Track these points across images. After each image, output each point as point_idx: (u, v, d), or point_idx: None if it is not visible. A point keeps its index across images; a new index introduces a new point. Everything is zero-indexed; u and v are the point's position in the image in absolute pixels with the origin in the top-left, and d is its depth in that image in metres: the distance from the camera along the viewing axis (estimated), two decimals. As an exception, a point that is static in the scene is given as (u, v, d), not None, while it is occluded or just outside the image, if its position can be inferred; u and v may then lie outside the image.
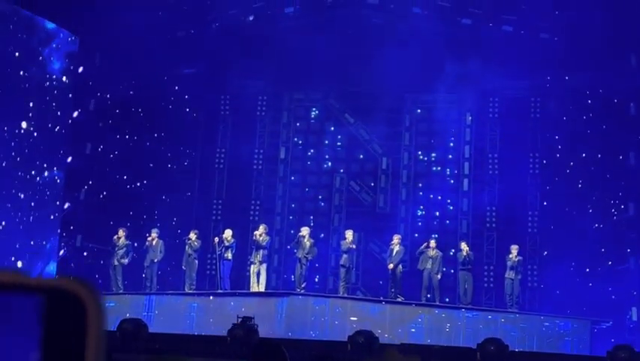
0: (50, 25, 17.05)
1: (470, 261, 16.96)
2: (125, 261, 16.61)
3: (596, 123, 18.18)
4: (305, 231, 16.89)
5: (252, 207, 20.17)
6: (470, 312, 16.52)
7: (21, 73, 16.35)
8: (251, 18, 19.04)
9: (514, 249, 16.73)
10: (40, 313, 0.65)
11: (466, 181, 19.49)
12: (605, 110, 17.95)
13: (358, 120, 20.22)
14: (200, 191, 20.33)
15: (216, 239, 17.09)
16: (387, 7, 18.51)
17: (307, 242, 16.68)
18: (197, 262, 16.95)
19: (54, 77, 17.19)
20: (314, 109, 20.73)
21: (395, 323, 15.92)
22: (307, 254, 16.65)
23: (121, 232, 16.59)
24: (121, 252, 16.49)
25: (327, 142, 20.57)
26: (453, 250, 18.40)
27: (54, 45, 17.17)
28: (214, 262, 17.93)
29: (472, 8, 18.17)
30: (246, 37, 18.79)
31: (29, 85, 16.55)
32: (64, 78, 17.40)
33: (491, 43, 18.19)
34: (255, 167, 20.37)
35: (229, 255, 16.77)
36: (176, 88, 19.86)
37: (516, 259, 16.65)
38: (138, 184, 19.03)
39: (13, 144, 16.19)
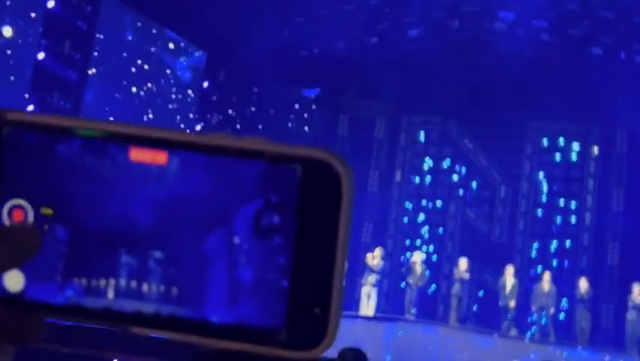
0: (179, 39, 17.49)
1: (589, 298, 16.29)
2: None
3: None
4: (417, 257, 16.64)
5: (365, 228, 20.04)
6: (587, 351, 15.84)
7: (149, 85, 16.82)
8: (375, 40, 19.01)
9: (638, 288, 15.94)
10: (293, 184, 0.64)
11: (588, 215, 18.78)
12: None
13: (478, 146, 19.83)
14: (314, 210, 20.35)
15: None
16: (514, 32, 18.11)
17: (419, 268, 16.41)
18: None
19: (180, 90, 17.62)
20: (433, 133, 20.48)
21: (507, 357, 15.40)
22: (418, 280, 16.38)
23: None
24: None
25: (444, 167, 20.27)
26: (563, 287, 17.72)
27: (182, 59, 17.61)
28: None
29: (603, 37, 17.55)
30: (368, 58, 18.75)
31: (156, 97, 16.99)
32: (189, 92, 17.81)
33: (622, 74, 17.52)
34: (370, 188, 20.25)
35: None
36: (297, 106, 20.01)
37: (638, 299, 15.86)
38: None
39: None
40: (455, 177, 20.11)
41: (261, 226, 0.65)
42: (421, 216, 20.24)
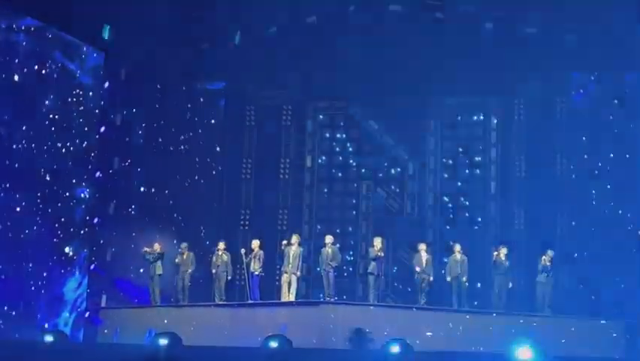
0: (76, 41, 17.17)
1: (504, 265, 16.87)
2: (161, 272, 16.82)
3: (624, 123, 18.01)
4: (329, 239, 16.83)
5: (280, 216, 20.18)
6: (502, 316, 16.38)
7: (48, 90, 16.46)
8: (273, 29, 19.06)
9: (546, 253, 16.59)
10: None
11: (493, 185, 19.39)
12: (633, 109, 17.78)
13: (383, 126, 20.20)
14: (227, 202, 20.38)
15: (243, 250, 17.07)
16: (410, 13, 18.41)
17: (329, 249, 16.60)
18: (226, 273, 16.95)
19: (80, 92, 17.30)
20: (338, 116, 20.74)
21: (427, 329, 15.77)
22: (331, 261, 16.55)
23: (156, 245, 16.83)
24: (157, 264, 16.71)
25: (351, 149, 20.56)
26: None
27: (80, 61, 17.29)
28: (243, 272, 17.93)
29: (495, 12, 18.06)
30: (268, 49, 18.80)
31: (56, 101, 16.66)
32: (90, 94, 17.51)
33: (514, 46, 18.09)
34: (281, 176, 20.39)
35: (257, 265, 16.75)
36: (202, 100, 19.93)
37: (547, 262, 16.49)
38: (166, 197, 19.10)
39: (41, 160, 16.31)
40: (364, 158, 20.43)
41: None
42: (334, 199, 20.48)
